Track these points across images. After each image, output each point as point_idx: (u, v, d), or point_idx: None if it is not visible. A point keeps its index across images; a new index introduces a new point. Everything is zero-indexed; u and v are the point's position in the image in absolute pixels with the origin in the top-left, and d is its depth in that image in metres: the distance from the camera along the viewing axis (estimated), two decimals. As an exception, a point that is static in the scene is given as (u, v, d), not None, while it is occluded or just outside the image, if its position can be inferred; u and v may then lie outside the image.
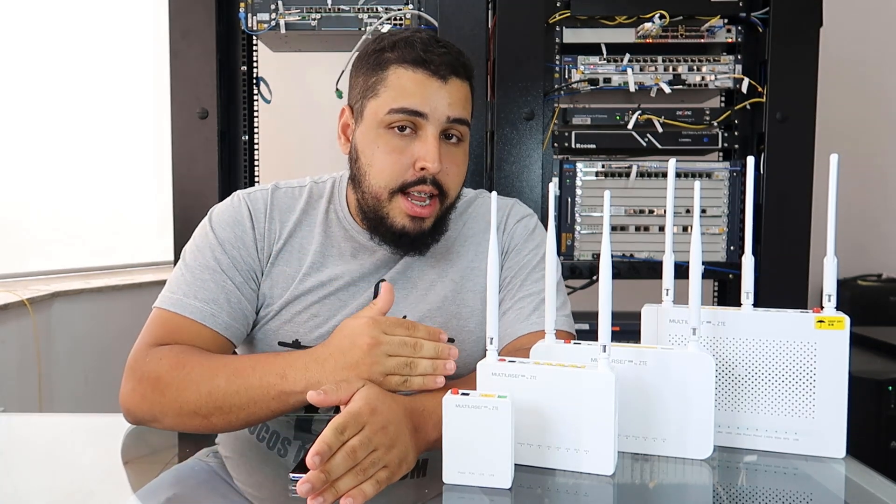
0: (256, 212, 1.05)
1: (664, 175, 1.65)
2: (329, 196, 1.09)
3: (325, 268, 1.05)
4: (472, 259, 1.09)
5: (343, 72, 1.57)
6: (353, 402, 0.72)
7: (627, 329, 1.14)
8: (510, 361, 0.77)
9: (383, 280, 1.05)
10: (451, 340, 1.04)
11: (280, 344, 1.04)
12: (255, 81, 1.72)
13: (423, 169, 0.96)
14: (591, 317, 1.63)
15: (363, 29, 1.62)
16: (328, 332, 1.02)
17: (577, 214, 1.66)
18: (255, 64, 1.74)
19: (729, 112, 1.65)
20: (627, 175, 1.65)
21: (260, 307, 1.04)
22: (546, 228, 0.97)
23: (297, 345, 1.04)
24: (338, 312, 1.04)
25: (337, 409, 1.01)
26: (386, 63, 0.98)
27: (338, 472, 0.66)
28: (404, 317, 1.05)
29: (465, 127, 1.00)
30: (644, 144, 1.65)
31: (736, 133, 1.67)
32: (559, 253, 1.65)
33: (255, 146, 1.75)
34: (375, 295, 1.04)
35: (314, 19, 1.62)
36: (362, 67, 1.01)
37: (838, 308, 0.81)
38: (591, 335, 1.48)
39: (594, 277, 1.68)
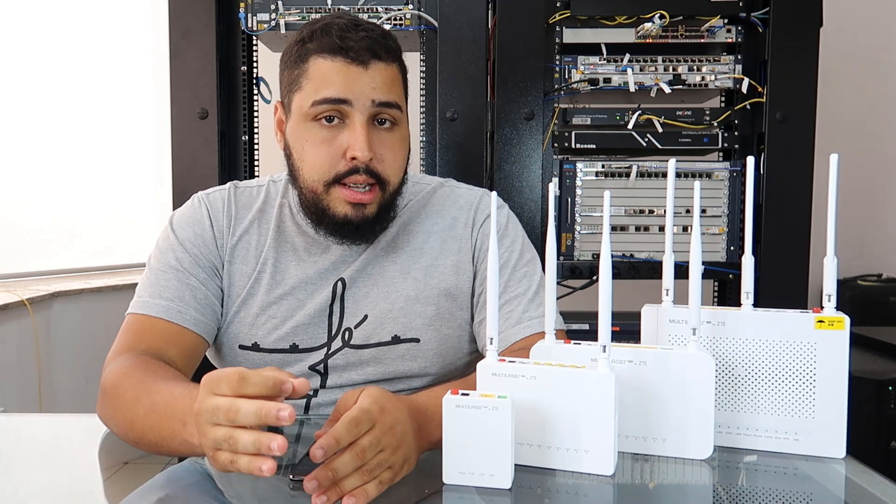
0: (215, 210, 1.05)
1: (664, 175, 1.65)
2: (283, 192, 1.08)
3: (278, 264, 1.04)
4: (437, 256, 1.06)
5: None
6: (361, 399, 0.70)
7: (627, 329, 1.14)
8: (510, 361, 0.77)
9: (342, 277, 1.03)
10: (416, 340, 1.04)
11: (240, 347, 1.03)
12: (255, 81, 1.72)
13: (353, 159, 0.94)
14: (591, 317, 1.63)
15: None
16: (286, 334, 1.02)
17: (577, 214, 1.66)
18: (255, 64, 1.73)
19: (729, 112, 1.65)
20: (627, 175, 1.65)
21: (223, 306, 1.04)
22: (545, 228, 0.96)
23: (255, 347, 1.03)
24: (295, 313, 1.02)
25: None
26: (306, 54, 0.97)
27: (344, 472, 0.66)
28: (365, 317, 1.03)
29: (396, 110, 0.97)
30: (644, 144, 1.65)
31: (736, 133, 1.67)
32: (559, 253, 1.65)
33: (255, 146, 1.75)
34: (334, 295, 1.03)
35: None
36: (287, 61, 1.00)
37: (838, 308, 0.81)
38: (591, 335, 1.48)
39: (594, 277, 1.68)
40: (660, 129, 1.63)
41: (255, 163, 1.75)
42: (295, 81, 0.98)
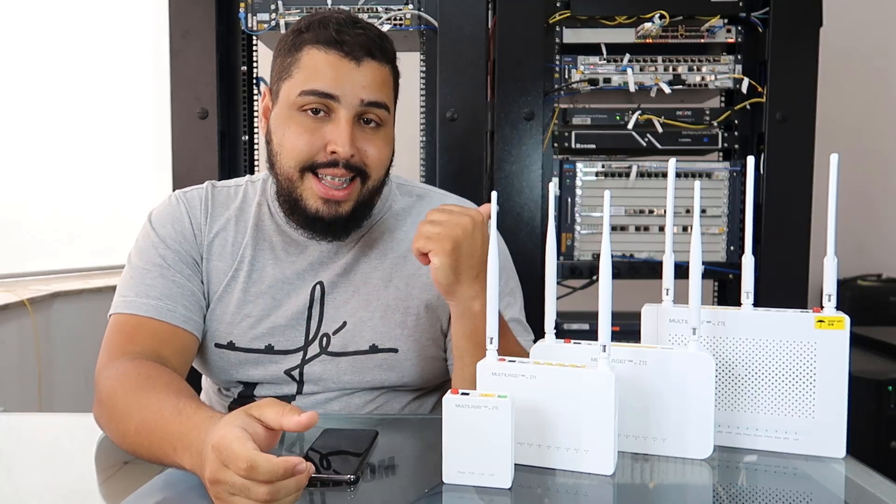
0: (192, 208, 1.05)
1: (664, 175, 1.65)
2: (262, 191, 1.07)
3: (256, 263, 1.03)
4: (419, 266, 1.03)
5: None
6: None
7: (627, 329, 1.14)
8: (510, 361, 0.77)
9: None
10: (394, 350, 1.03)
11: (216, 346, 1.02)
12: (255, 81, 1.72)
13: (333, 153, 0.94)
14: (591, 317, 1.63)
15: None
16: (262, 334, 1.02)
17: (577, 214, 1.66)
18: (255, 64, 1.73)
19: (729, 112, 1.65)
20: (627, 175, 1.65)
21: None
22: (545, 228, 0.96)
23: (231, 346, 1.02)
24: (272, 312, 1.02)
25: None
26: (301, 44, 0.96)
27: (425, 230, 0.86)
28: (344, 323, 1.02)
29: (383, 111, 0.97)
30: (644, 144, 1.65)
31: (736, 133, 1.67)
32: (559, 253, 1.65)
33: (255, 146, 1.75)
34: (312, 298, 1.02)
35: (314, 19, 1.62)
36: (281, 49, 1.00)
37: (838, 308, 0.81)
38: (591, 335, 1.48)
39: (594, 277, 1.68)
40: (660, 129, 1.63)
41: (255, 163, 1.75)
42: (286, 69, 0.97)
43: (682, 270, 0.85)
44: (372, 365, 1.03)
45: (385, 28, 1.59)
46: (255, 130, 1.75)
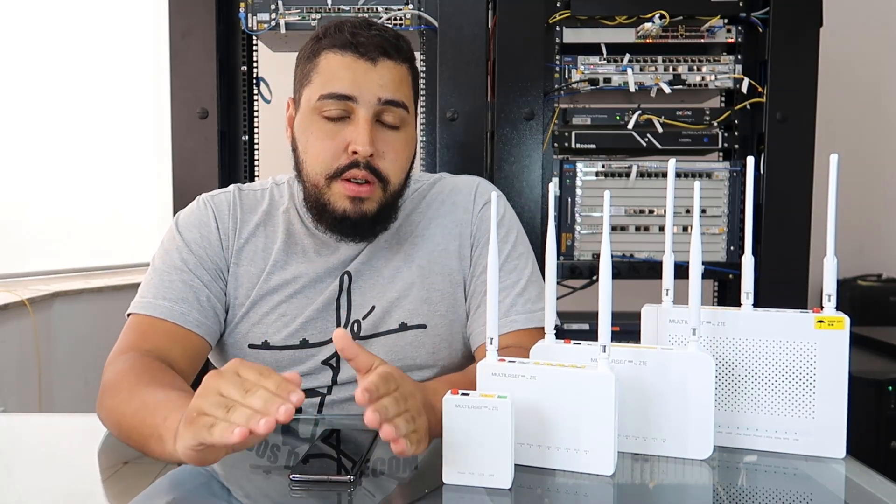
0: (220, 213, 1.06)
1: (664, 175, 1.65)
2: (289, 195, 1.09)
3: (289, 265, 1.05)
4: (439, 242, 1.08)
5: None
6: (382, 366, 0.70)
7: (627, 329, 1.14)
8: (510, 361, 0.77)
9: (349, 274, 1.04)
10: (423, 326, 1.05)
11: (250, 347, 1.04)
12: (255, 81, 1.72)
13: (354, 153, 0.96)
14: (591, 317, 1.63)
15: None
16: (295, 331, 1.04)
17: (577, 214, 1.66)
18: (255, 64, 1.73)
19: (729, 112, 1.65)
20: (627, 175, 1.65)
21: (227, 308, 1.04)
22: (545, 228, 0.96)
23: (266, 346, 1.03)
24: (305, 309, 1.04)
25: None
26: (318, 50, 0.99)
27: (393, 412, 0.66)
28: (372, 308, 1.04)
29: (401, 110, 0.99)
30: (644, 144, 1.65)
31: (736, 133, 1.67)
32: (559, 253, 1.65)
33: (255, 146, 1.75)
34: (341, 286, 1.05)
35: (314, 19, 1.62)
36: (301, 57, 1.02)
37: (838, 308, 0.81)
38: (591, 335, 1.48)
39: (594, 277, 1.68)
40: (660, 129, 1.63)
41: (255, 163, 1.75)
42: (306, 76, 1.00)
43: (682, 270, 0.85)
44: (403, 343, 1.05)
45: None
46: (256, 130, 1.75)
